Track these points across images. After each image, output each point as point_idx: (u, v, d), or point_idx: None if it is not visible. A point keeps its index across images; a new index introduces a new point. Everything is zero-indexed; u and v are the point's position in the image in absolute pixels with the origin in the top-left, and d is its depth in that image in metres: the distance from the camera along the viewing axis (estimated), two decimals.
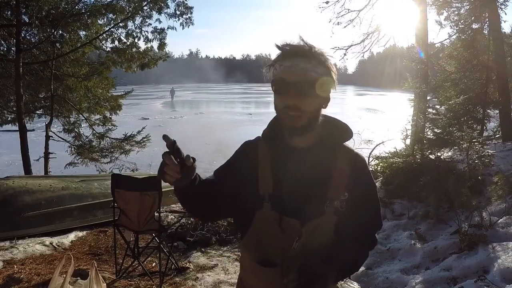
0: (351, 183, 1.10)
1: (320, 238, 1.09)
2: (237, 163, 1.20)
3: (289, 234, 1.09)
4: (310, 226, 1.08)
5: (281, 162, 1.12)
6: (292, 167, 1.10)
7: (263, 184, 1.12)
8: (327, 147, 1.12)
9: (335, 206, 1.09)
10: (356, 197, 1.10)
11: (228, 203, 1.14)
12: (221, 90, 57.71)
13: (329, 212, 1.09)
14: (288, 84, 1.02)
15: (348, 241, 1.12)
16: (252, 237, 1.15)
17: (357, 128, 8.05)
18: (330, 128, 1.15)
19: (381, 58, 54.72)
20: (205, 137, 14.98)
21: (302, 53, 1.03)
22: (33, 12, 6.33)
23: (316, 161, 1.10)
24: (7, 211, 4.07)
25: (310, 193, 1.08)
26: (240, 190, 1.14)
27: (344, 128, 1.18)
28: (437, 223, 4.02)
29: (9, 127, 8.07)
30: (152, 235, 3.63)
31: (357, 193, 1.11)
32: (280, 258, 1.10)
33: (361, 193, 1.12)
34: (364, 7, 8.24)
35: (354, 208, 1.10)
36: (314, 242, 1.08)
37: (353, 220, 1.11)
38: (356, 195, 1.10)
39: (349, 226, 1.11)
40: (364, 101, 38.45)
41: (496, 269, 2.78)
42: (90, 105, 8.24)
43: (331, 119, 1.18)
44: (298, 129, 1.05)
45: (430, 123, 5.66)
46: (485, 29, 7.69)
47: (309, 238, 1.08)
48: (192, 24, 7.93)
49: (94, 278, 2.35)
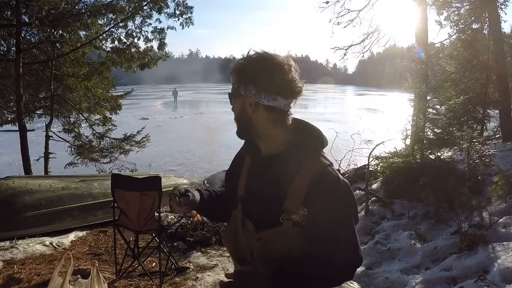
0: (310, 198, 1.03)
1: (280, 247, 1.09)
2: (231, 167, 1.34)
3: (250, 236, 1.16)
4: (265, 234, 1.11)
5: (252, 168, 1.21)
6: (256, 175, 1.18)
7: (240, 187, 1.22)
8: (294, 156, 1.09)
9: (293, 219, 1.05)
10: (317, 214, 1.03)
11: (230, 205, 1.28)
12: (221, 90, 57.65)
13: (287, 224, 1.06)
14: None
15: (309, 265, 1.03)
16: (228, 234, 1.26)
17: (357, 128, 8.08)
18: (301, 135, 1.12)
19: (381, 58, 54.79)
20: (205, 137, 14.99)
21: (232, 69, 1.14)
22: (33, 12, 6.31)
23: (278, 171, 1.09)
24: (7, 211, 4.07)
25: (267, 201, 1.10)
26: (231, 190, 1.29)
27: (316, 136, 1.14)
28: (437, 223, 4.02)
29: (9, 127, 8.06)
30: (152, 235, 3.63)
31: (315, 214, 1.03)
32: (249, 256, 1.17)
33: (320, 215, 1.02)
34: (364, 7, 8.22)
35: (316, 229, 1.03)
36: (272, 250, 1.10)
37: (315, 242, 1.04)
38: (315, 216, 1.03)
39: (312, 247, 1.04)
40: (364, 101, 38.44)
41: (496, 269, 2.78)
42: (90, 105, 8.23)
43: (303, 125, 1.15)
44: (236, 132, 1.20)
45: (430, 123, 5.66)
46: (485, 29, 7.69)
47: (266, 245, 1.11)
48: (192, 24, 7.92)
49: (95, 277, 2.35)
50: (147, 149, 8.99)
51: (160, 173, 6.72)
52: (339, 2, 8.24)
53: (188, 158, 11.66)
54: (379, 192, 5.46)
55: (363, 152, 6.70)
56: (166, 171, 8.98)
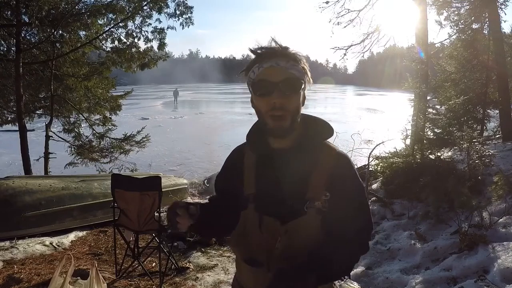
0: (333, 183, 1.08)
1: (304, 238, 1.09)
2: (228, 168, 1.28)
3: (271, 234, 1.11)
4: (291, 226, 1.09)
5: (263, 164, 1.15)
6: (273, 169, 1.13)
7: (247, 185, 1.16)
8: (308, 147, 1.11)
9: (316, 206, 1.07)
10: (340, 197, 1.08)
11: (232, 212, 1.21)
12: (221, 90, 57.68)
13: (311, 212, 1.08)
14: (270, 84, 1.03)
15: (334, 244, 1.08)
16: (238, 236, 1.19)
17: (357, 128, 8.08)
18: (310, 127, 1.15)
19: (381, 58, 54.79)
20: (205, 137, 14.98)
21: (280, 53, 1.04)
22: (33, 12, 6.31)
23: (296, 162, 1.10)
24: (7, 211, 4.07)
25: (289, 193, 1.09)
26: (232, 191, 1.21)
27: (324, 126, 1.17)
28: (437, 223, 4.02)
29: (9, 127, 8.06)
30: (152, 235, 3.63)
31: (340, 193, 1.08)
32: (265, 257, 1.12)
33: (345, 193, 1.09)
34: (364, 7, 8.23)
35: (339, 209, 1.08)
36: (297, 242, 1.09)
37: (338, 221, 1.08)
38: (340, 195, 1.08)
39: (336, 227, 1.09)
40: (364, 101, 38.43)
41: (496, 269, 2.78)
42: (90, 105, 8.23)
43: (311, 118, 1.18)
44: (285, 129, 1.06)
45: (430, 123, 5.66)
46: (485, 29, 7.69)
47: (292, 238, 1.09)
48: (192, 24, 7.91)
49: (94, 277, 2.35)
50: (147, 149, 8.99)
51: (160, 173, 6.72)
52: (339, 2, 8.25)
53: (188, 158, 11.66)
54: (379, 192, 5.46)
55: (363, 152, 6.70)
56: (166, 171, 8.97)
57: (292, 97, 1.04)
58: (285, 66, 1.02)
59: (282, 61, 1.02)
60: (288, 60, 1.03)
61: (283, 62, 1.02)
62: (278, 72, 1.02)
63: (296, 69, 1.04)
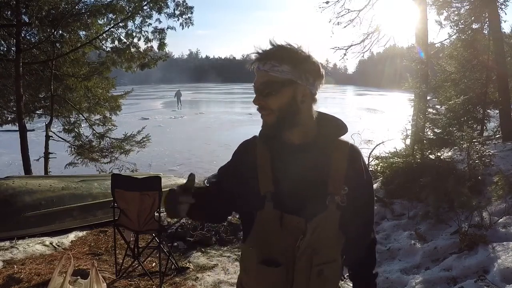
0: (349, 176, 1.12)
1: (324, 235, 1.09)
2: (237, 163, 1.24)
3: (292, 232, 1.09)
4: (314, 223, 1.08)
5: (280, 161, 1.13)
6: (291, 165, 1.12)
7: (263, 183, 1.12)
8: (324, 143, 1.14)
9: (336, 201, 1.10)
10: (356, 190, 1.13)
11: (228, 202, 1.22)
12: (221, 90, 57.69)
13: (331, 208, 1.09)
14: (255, 87, 1.10)
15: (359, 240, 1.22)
16: (255, 237, 1.15)
17: (357, 128, 8.06)
18: (325, 124, 1.17)
19: (381, 58, 54.73)
20: (205, 137, 14.98)
21: (260, 57, 1.08)
22: (33, 12, 6.31)
23: (314, 158, 1.12)
24: (7, 211, 4.07)
25: (311, 190, 1.09)
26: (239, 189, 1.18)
27: (338, 124, 1.20)
28: (437, 223, 4.02)
29: (9, 127, 8.07)
30: (152, 235, 3.63)
31: (356, 185, 1.13)
32: (284, 257, 1.10)
33: (360, 184, 1.15)
34: (364, 7, 8.23)
35: (355, 202, 1.13)
36: (319, 239, 1.09)
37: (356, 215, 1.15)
38: (356, 188, 1.13)
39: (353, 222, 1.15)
40: (364, 101, 38.42)
41: (496, 269, 2.78)
42: (90, 105, 8.24)
43: (325, 116, 1.20)
44: (270, 126, 1.10)
45: (430, 123, 5.67)
46: (485, 29, 7.68)
47: (314, 235, 1.08)
48: (192, 24, 7.91)
49: (94, 277, 2.35)
50: (147, 149, 8.99)
51: (160, 173, 6.72)
52: (339, 2, 8.26)
53: (188, 158, 11.66)
54: (379, 192, 5.46)
55: (363, 152, 6.67)
56: (166, 171, 8.97)
57: (271, 98, 1.08)
58: (264, 69, 1.07)
59: (263, 64, 1.07)
60: (266, 63, 1.07)
61: (262, 65, 1.07)
62: (259, 75, 1.09)
63: (277, 70, 1.06)
